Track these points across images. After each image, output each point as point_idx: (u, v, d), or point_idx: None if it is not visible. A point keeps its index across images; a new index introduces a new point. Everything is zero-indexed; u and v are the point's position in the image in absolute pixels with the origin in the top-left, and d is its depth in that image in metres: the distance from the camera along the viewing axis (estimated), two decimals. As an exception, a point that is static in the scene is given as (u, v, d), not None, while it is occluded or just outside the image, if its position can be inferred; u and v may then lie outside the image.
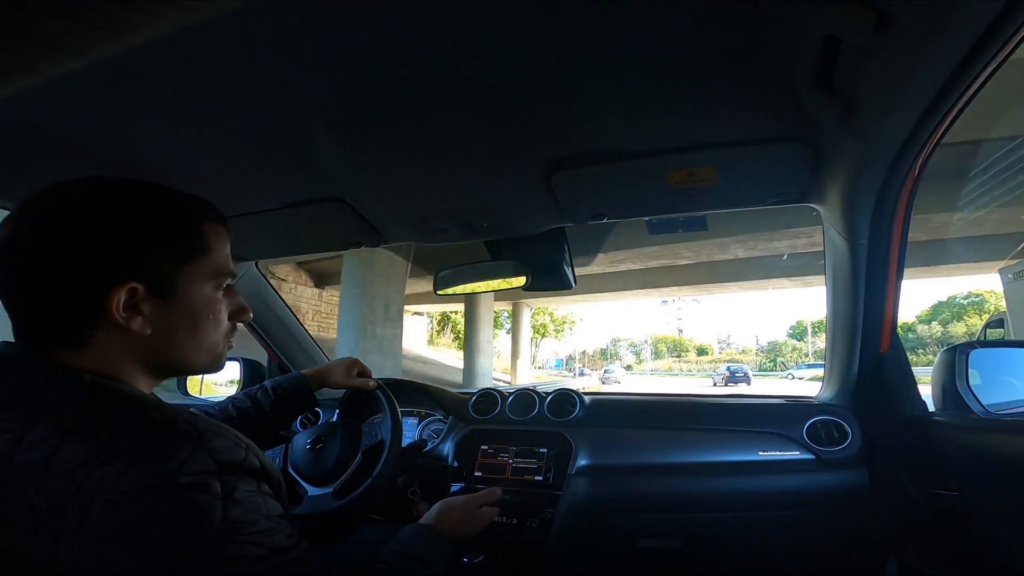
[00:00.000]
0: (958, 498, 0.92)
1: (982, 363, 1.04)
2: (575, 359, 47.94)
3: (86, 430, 0.45)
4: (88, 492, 0.42)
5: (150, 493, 0.43)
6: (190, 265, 0.55)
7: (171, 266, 0.53)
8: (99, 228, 0.50)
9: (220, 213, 0.61)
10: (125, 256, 0.50)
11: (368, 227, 1.21)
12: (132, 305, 0.51)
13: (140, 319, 0.51)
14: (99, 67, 0.69)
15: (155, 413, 0.48)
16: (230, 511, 0.45)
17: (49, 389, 0.47)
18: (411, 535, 0.75)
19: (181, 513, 0.43)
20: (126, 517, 0.42)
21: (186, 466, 0.44)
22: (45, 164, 0.90)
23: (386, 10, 0.61)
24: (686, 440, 1.29)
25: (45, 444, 0.44)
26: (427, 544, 0.74)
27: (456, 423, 1.50)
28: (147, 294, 0.52)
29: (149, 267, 0.52)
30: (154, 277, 0.52)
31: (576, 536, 1.26)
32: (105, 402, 0.48)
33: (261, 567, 0.46)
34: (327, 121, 0.83)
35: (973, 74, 0.51)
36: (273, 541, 0.48)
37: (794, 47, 0.60)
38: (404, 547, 0.71)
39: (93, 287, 0.49)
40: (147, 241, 0.52)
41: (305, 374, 1.11)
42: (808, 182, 0.92)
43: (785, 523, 1.23)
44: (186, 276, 0.54)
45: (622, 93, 0.75)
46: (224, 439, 0.49)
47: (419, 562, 0.68)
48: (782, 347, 55.89)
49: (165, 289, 0.53)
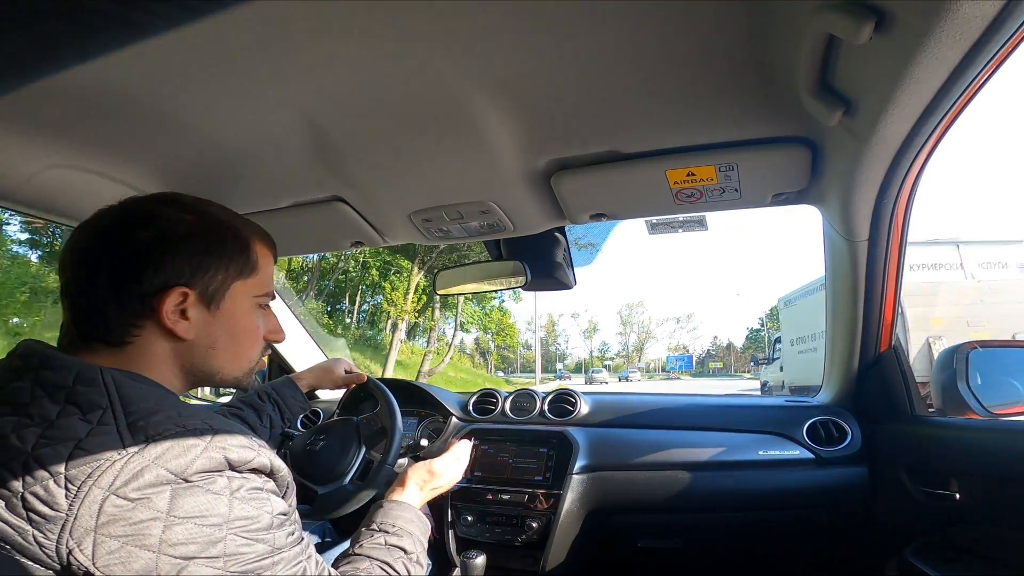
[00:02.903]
0: (958, 498, 0.92)
1: (982, 363, 1.04)
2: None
3: (107, 426, 0.46)
4: (104, 487, 0.43)
5: (163, 489, 0.44)
6: (239, 280, 0.59)
7: (222, 279, 0.57)
8: (159, 235, 0.54)
9: (271, 239, 0.65)
10: (183, 264, 0.54)
11: (368, 227, 1.21)
12: (181, 310, 0.55)
13: (186, 324, 0.55)
14: (99, 69, 0.69)
15: (173, 411, 0.49)
16: (235, 507, 0.47)
17: (79, 383, 0.48)
18: (390, 516, 0.74)
19: (190, 508, 0.45)
20: (139, 513, 0.43)
21: (197, 463, 0.46)
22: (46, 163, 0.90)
23: (386, 16, 0.61)
24: (686, 440, 1.29)
25: (66, 439, 0.45)
26: (411, 524, 0.73)
27: (456, 423, 1.50)
28: (196, 301, 0.56)
29: (202, 276, 0.56)
30: (205, 286, 0.56)
31: (576, 536, 1.26)
32: (128, 400, 0.49)
33: (263, 563, 0.48)
34: (327, 122, 0.83)
35: (973, 74, 0.51)
36: (275, 538, 0.49)
37: (794, 48, 0.61)
38: (389, 536, 0.70)
39: (145, 289, 0.53)
40: (205, 252, 0.56)
41: (296, 376, 1.12)
42: (808, 182, 0.92)
43: (785, 523, 1.23)
44: (234, 290, 0.59)
45: (622, 94, 0.76)
46: (236, 439, 0.51)
47: (403, 551, 0.69)
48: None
49: (213, 299, 0.57)
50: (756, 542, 1.30)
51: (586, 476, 1.27)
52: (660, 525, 1.27)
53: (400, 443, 1.06)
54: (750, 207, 1.03)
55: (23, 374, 0.49)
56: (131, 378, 0.52)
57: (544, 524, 1.24)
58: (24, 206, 1.00)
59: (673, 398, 1.53)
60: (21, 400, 0.47)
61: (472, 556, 1.06)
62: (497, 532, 1.27)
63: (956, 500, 0.93)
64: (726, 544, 1.31)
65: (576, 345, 72.10)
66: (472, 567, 1.05)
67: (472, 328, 26.30)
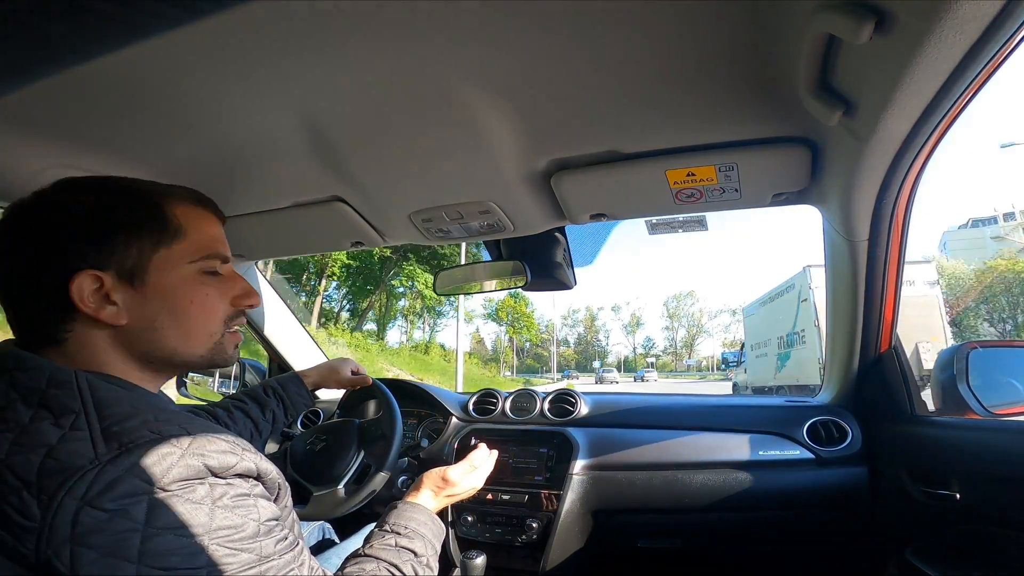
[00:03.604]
0: (958, 498, 0.92)
1: (982, 363, 1.04)
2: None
3: (79, 432, 0.44)
4: (77, 498, 0.41)
5: (139, 500, 0.42)
6: (162, 250, 0.54)
7: (137, 252, 0.52)
8: (54, 221, 0.51)
9: (199, 196, 0.59)
10: (81, 246, 0.50)
11: (368, 227, 1.22)
12: (103, 295, 0.51)
13: (113, 308, 0.51)
14: (99, 69, 0.69)
15: (150, 415, 0.47)
16: (217, 516, 0.45)
17: (51, 386, 0.47)
18: (403, 516, 0.72)
19: (169, 519, 0.43)
20: (116, 524, 0.41)
21: (174, 471, 0.44)
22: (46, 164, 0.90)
23: (386, 16, 0.61)
24: (686, 440, 1.29)
25: (37, 445, 0.43)
26: (423, 527, 0.72)
27: (456, 423, 1.50)
28: (116, 282, 0.51)
29: (112, 255, 0.51)
30: (121, 265, 0.52)
31: (576, 536, 1.26)
32: (103, 403, 0.47)
33: (250, 572, 0.46)
34: (327, 122, 0.83)
35: (973, 74, 0.51)
36: (262, 547, 0.47)
37: (794, 48, 0.60)
38: (400, 538, 0.68)
39: (53, 279, 0.50)
40: (104, 229, 0.51)
41: (302, 373, 1.11)
42: (808, 182, 0.92)
43: (785, 523, 1.23)
44: (158, 262, 0.53)
45: (622, 94, 0.76)
46: (216, 443, 0.48)
47: (412, 553, 0.67)
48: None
49: (135, 276, 0.52)
50: (756, 542, 1.30)
51: (586, 476, 1.27)
52: (660, 525, 1.27)
53: (399, 451, 1.06)
54: (750, 207, 1.03)
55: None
56: (106, 380, 0.50)
57: (544, 524, 1.24)
58: None
59: (673, 398, 1.53)
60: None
61: (472, 556, 1.06)
62: (497, 532, 1.27)
63: (956, 500, 0.93)
64: (726, 544, 1.31)
65: (618, 341, 68.25)
66: (472, 567, 1.05)
67: (478, 317, 25.42)
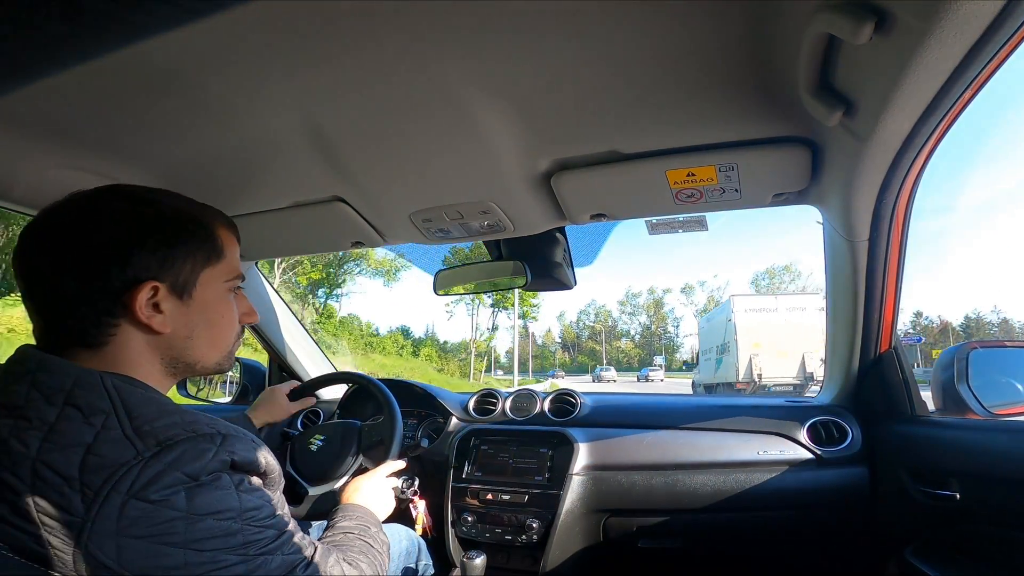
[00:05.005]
0: (958, 498, 0.92)
1: (982, 363, 1.04)
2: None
3: (112, 431, 0.46)
4: (123, 492, 0.44)
5: (179, 490, 0.46)
6: (208, 268, 0.59)
7: (191, 269, 0.57)
8: (117, 231, 0.53)
9: (232, 221, 0.65)
10: (147, 258, 0.54)
11: (368, 227, 1.22)
12: (153, 304, 0.55)
13: (161, 317, 0.55)
14: (99, 69, 0.69)
15: (177, 417, 0.51)
16: (243, 500, 0.50)
17: (77, 387, 0.48)
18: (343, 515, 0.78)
19: (206, 505, 0.47)
20: (161, 514, 0.45)
21: (210, 465, 0.49)
22: (46, 164, 0.90)
23: (386, 16, 0.61)
24: (687, 440, 1.29)
25: (72, 444, 0.45)
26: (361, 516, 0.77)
27: (456, 423, 1.50)
28: (168, 293, 0.55)
29: (171, 268, 0.55)
30: (175, 278, 0.56)
31: (576, 536, 1.26)
32: (130, 405, 0.49)
33: (275, 544, 0.52)
34: (327, 122, 0.83)
35: (973, 74, 0.51)
36: (278, 522, 0.53)
37: (794, 48, 0.60)
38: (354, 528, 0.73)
39: (119, 285, 0.53)
40: (170, 244, 0.55)
41: (251, 413, 1.12)
42: (808, 182, 0.92)
43: (785, 523, 1.23)
44: (204, 278, 0.59)
45: (622, 94, 0.75)
46: (243, 443, 0.53)
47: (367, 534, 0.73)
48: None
49: (184, 289, 0.57)
50: (756, 542, 1.30)
51: (586, 476, 1.27)
52: (660, 525, 1.26)
53: (398, 453, 1.06)
54: (750, 207, 1.03)
55: (20, 378, 0.49)
56: (128, 383, 0.52)
57: (544, 524, 1.24)
58: (24, 206, 1.00)
59: (673, 398, 1.53)
60: (16, 403, 0.47)
61: (472, 556, 1.06)
62: (497, 532, 1.27)
63: (956, 500, 0.93)
64: (726, 544, 1.31)
65: (689, 330, 56.92)
66: (472, 567, 1.05)
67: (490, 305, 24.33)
